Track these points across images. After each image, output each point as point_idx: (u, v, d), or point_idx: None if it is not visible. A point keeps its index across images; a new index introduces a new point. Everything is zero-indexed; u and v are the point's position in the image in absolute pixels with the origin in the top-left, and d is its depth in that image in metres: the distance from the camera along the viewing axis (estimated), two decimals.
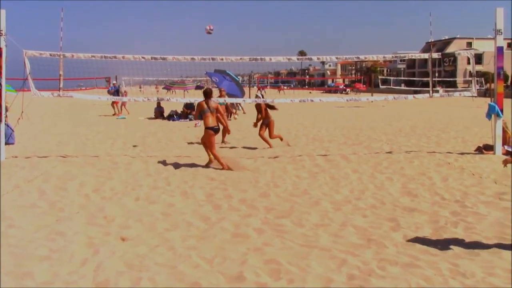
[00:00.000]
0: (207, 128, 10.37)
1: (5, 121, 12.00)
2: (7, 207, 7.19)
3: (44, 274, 4.73)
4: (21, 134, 15.30)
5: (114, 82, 29.03)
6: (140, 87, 62.48)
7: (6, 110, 12.50)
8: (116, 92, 27.02)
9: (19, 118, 13.06)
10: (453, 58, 79.94)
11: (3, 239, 5.75)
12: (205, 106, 10.43)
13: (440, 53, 15.62)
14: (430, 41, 16.50)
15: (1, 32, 11.04)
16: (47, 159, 11.46)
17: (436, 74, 69.17)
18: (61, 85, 12.21)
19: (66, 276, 4.68)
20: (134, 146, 13.37)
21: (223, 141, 14.00)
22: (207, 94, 10.60)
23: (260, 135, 13.71)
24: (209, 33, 13.75)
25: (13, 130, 13.74)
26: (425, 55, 14.43)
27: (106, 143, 14.60)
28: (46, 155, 12.03)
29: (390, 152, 12.35)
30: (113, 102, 26.74)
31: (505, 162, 5.73)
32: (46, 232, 6.03)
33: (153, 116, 25.35)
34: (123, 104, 27.65)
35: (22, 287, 4.45)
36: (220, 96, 15.77)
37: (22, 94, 12.51)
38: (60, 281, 4.56)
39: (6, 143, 11.99)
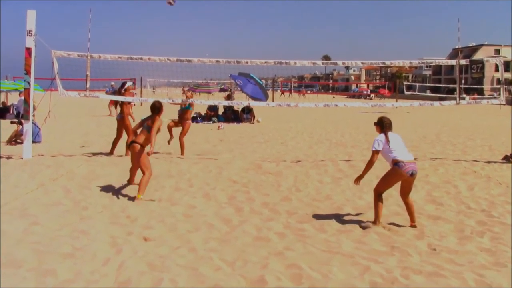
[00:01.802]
0: None
1: (33, 120, 12.20)
2: (32, 204, 7.30)
3: (67, 272, 4.77)
4: (48, 133, 15.55)
5: (112, 83, 28.98)
6: (153, 89, 62.48)
7: (34, 109, 12.72)
8: (114, 93, 27.29)
9: (46, 117, 13.26)
10: (481, 65, 78.70)
11: (27, 236, 5.84)
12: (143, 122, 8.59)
13: (468, 60, 15.39)
14: (457, 47, 16.27)
15: (31, 32, 11.24)
16: (72, 158, 11.61)
17: (463, 81, 68.17)
18: (88, 85, 12.37)
19: (89, 275, 4.71)
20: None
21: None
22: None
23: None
24: (170, 3, 13.07)
25: (40, 129, 13.96)
26: (453, 62, 14.22)
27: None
28: (71, 154, 12.19)
29: (414, 159, 12.16)
30: (110, 103, 27.19)
31: None
32: (70, 230, 6.09)
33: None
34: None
35: (44, 284, 4.49)
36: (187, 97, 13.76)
37: (49, 94, 12.69)
38: (83, 280, 4.60)
39: (33, 142, 12.19)
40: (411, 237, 6.06)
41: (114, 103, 23.67)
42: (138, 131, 8.49)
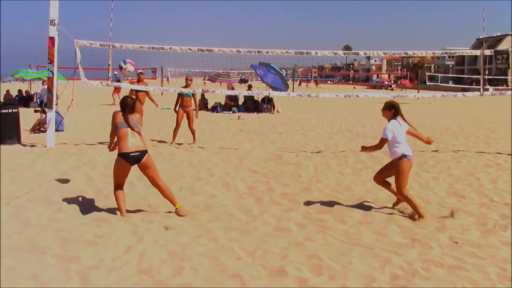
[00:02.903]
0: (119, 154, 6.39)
1: (56, 108, 12.37)
2: (55, 192, 7.42)
3: (90, 259, 4.85)
4: (70, 122, 15.75)
5: (116, 73, 28.72)
6: (167, 79, 62.32)
7: (57, 98, 12.89)
8: (117, 82, 27.37)
9: (69, 106, 13.43)
10: (506, 56, 77.10)
11: (51, 223, 5.95)
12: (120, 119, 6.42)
13: (492, 50, 15.11)
14: (481, 37, 15.99)
15: (54, 22, 11.36)
16: (94, 147, 11.74)
17: (486, 72, 66.98)
18: (110, 75, 12.48)
19: (111, 262, 4.79)
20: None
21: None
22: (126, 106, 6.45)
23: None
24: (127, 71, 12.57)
25: (63, 118, 14.15)
26: (477, 52, 13.98)
27: (150, 133, 14.83)
28: (93, 143, 12.33)
29: (436, 151, 12.05)
30: (113, 92, 27.23)
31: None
32: (92, 218, 6.18)
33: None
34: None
35: (69, 270, 4.57)
36: (187, 86, 13.21)
37: (72, 83, 12.84)
38: (105, 267, 4.67)
39: (56, 130, 12.37)
40: (433, 230, 6.01)
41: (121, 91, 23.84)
42: (130, 133, 6.31)
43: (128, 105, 6.42)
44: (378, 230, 5.95)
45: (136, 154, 6.28)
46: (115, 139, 6.46)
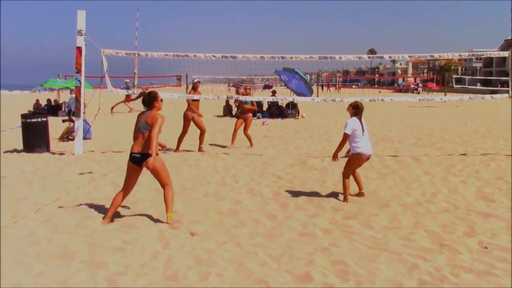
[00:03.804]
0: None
1: (83, 117, 12.58)
2: (83, 198, 7.54)
3: (117, 265, 4.92)
4: (98, 130, 16.00)
5: (127, 80, 28.71)
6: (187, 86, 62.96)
7: (84, 106, 13.11)
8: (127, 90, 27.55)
9: (96, 114, 13.65)
10: None
11: (80, 229, 6.04)
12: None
13: None
14: (509, 38, 15.70)
15: (81, 32, 11.58)
16: (121, 154, 11.88)
17: None
18: (136, 83, 12.66)
19: (138, 268, 4.84)
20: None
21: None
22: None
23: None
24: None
25: (90, 126, 14.38)
26: (505, 53, 13.73)
27: (175, 139, 14.95)
28: (120, 150, 12.49)
29: (464, 154, 11.85)
30: (127, 99, 27.40)
31: None
32: (120, 224, 6.26)
33: (222, 114, 25.84)
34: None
35: (97, 276, 4.64)
36: (246, 94, 14.13)
37: (99, 91, 13.06)
38: (132, 273, 4.73)
39: (84, 138, 12.58)
40: (461, 235, 5.91)
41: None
42: (140, 133, 6.42)
43: (144, 102, 6.50)
44: (405, 235, 5.87)
45: (136, 155, 6.33)
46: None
